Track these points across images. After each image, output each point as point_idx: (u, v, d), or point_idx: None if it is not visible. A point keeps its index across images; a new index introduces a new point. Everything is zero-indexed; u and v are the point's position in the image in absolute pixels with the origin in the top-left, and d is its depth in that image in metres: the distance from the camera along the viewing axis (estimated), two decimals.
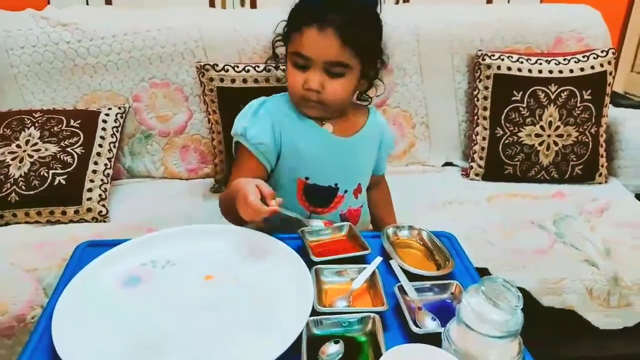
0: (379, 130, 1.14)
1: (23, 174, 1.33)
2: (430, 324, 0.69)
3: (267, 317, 0.71)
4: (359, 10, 0.98)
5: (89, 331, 0.69)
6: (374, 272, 0.78)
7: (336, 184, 1.07)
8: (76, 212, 1.34)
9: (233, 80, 1.44)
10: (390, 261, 0.82)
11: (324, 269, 0.79)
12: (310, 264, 0.80)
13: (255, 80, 1.44)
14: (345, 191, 1.08)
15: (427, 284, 0.77)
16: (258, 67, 1.43)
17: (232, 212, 0.89)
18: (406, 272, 0.79)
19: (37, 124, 1.41)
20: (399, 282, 0.77)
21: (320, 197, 1.07)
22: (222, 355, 0.65)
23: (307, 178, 1.05)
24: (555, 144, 1.58)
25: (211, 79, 1.45)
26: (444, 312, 0.72)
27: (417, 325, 0.69)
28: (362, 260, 0.84)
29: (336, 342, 0.65)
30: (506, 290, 0.59)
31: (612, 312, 1.19)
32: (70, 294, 0.74)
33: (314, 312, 0.70)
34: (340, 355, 0.64)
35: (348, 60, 0.96)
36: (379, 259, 0.81)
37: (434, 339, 0.63)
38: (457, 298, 0.75)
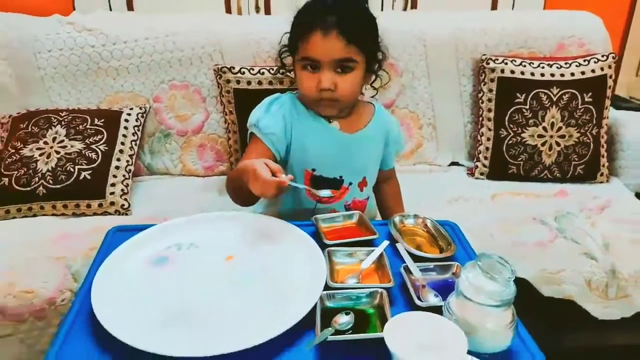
0: (385, 127, 1.21)
1: (50, 169, 1.41)
2: (433, 300, 0.75)
3: (284, 292, 0.78)
4: (354, 10, 1.06)
5: (123, 303, 0.76)
6: (381, 254, 0.85)
7: (341, 176, 1.15)
8: (100, 205, 1.42)
9: (249, 83, 1.52)
10: (397, 244, 0.88)
11: (335, 251, 0.86)
12: (323, 247, 0.87)
13: (270, 82, 1.51)
14: (350, 183, 1.16)
15: (431, 265, 0.83)
16: (272, 69, 1.51)
17: (239, 192, 0.99)
18: (411, 255, 0.86)
19: (63, 123, 1.49)
20: (405, 263, 0.83)
21: (325, 187, 1.13)
22: (243, 325, 0.72)
23: (313, 170, 1.13)
24: (558, 144, 1.63)
25: (228, 81, 1.52)
26: (446, 290, 0.77)
27: (421, 300, 0.75)
28: (371, 244, 0.90)
29: (347, 314, 0.71)
30: (500, 265, 0.66)
31: (610, 303, 1.24)
32: (105, 273, 0.81)
33: (327, 288, 0.77)
34: (351, 325, 0.70)
35: (354, 55, 1.04)
36: (386, 242, 0.87)
37: (436, 313, 0.69)
38: (458, 276, 0.81)
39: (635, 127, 1.70)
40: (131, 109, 1.58)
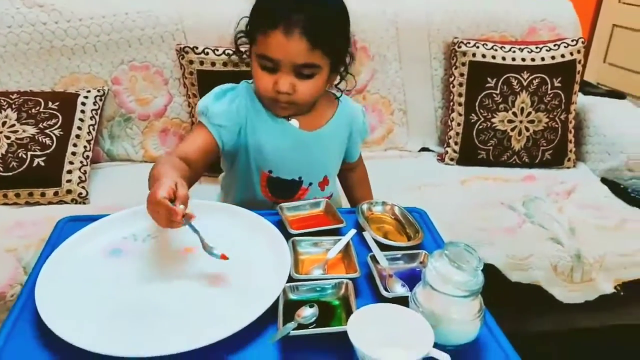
0: (349, 119, 1.11)
1: (0, 155, 1.33)
2: (399, 290, 0.73)
3: (246, 284, 0.75)
4: (324, 6, 0.94)
5: (71, 300, 0.71)
6: (348, 244, 0.82)
7: (300, 177, 1.06)
8: (55, 193, 1.35)
9: (213, 64, 1.45)
10: (364, 232, 0.85)
11: (300, 241, 0.83)
12: (288, 236, 0.83)
13: (236, 65, 1.46)
14: (310, 184, 1.08)
15: (398, 254, 0.81)
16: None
17: None
18: (378, 244, 0.83)
19: (14, 106, 1.41)
20: (372, 252, 0.80)
21: (283, 190, 1.06)
22: (202, 320, 0.68)
23: (270, 171, 1.04)
24: (527, 129, 1.63)
25: (191, 62, 1.46)
26: (413, 279, 0.75)
27: (387, 291, 0.72)
28: (338, 233, 0.87)
29: (311, 306, 0.68)
30: (467, 254, 0.63)
31: (575, 286, 1.25)
32: (52, 265, 0.76)
33: (291, 280, 0.73)
34: (315, 318, 0.67)
35: (317, 60, 0.93)
36: (353, 231, 0.84)
37: (403, 303, 0.67)
38: (426, 266, 0.79)
39: (602, 113, 1.72)
40: (88, 91, 1.50)
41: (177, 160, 0.92)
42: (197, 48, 1.45)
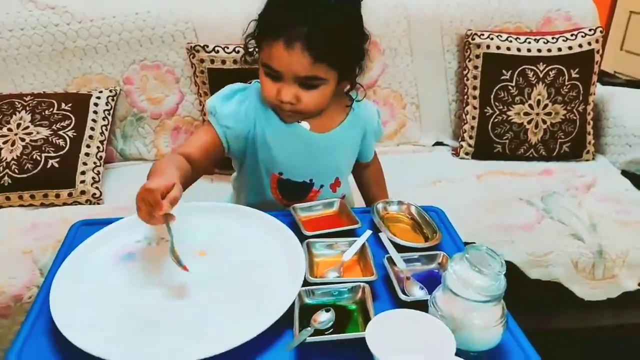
0: (362, 121, 1.07)
1: (15, 157, 1.33)
2: (418, 293, 0.72)
3: (260, 289, 0.73)
4: (331, 16, 0.87)
5: (85, 306, 0.70)
6: (363, 245, 0.80)
7: (311, 180, 1.04)
8: (70, 194, 1.35)
9: (224, 62, 1.44)
10: (380, 234, 0.84)
11: (315, 243, 0.81)
12: (302, 238, 0.82)
13: (246, 62, 1.44)
14: (322, 186, 1.05)
15: (415, 255, 0.79)
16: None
17: None
18: (395, 245, 0.81)
19: (27, 108, 1.41)
20: (388, 253, 0.79)
21: (294, 192, 1.04)
22: (218, 325, 0.67)
23: (280, 173, 1.02)
24: (544, 122, 1.60)
25: (202, 61, 1.45)
26: (432, 281, 0.74)
27: (405, 294, 0.71)
28: (353, 234, 0.86)
29: (327, 311, 0.67)
30: (490, 258, 0.61)
31: (597, 284, 1.23)
32: (66, 271, 0.75)
33: (306, 283, 0.72)
34: (332, 323, 0.66)
35: (321, 73, 0.89)
36: (368, 232, 0.82)
37: (422, 307, 0.65)
38: (444, 268, 0.77)
39: (621, 104, 1.68)
40: (100, 91, 1.50)
41: (181, 159, 0.91)
42: (207, 46, 1.44)
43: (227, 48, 1.45)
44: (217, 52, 1.44)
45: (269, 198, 1.04)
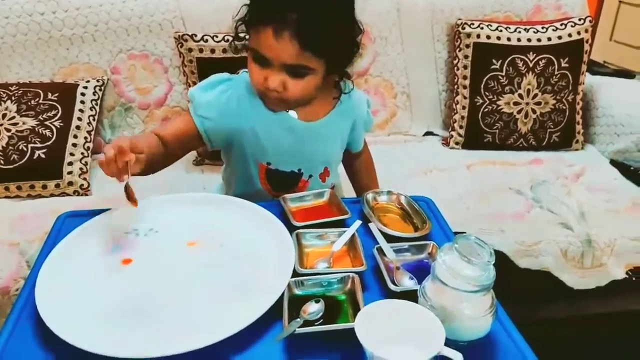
0: (351, 110, 1.06)
1: (1, 148, 1.31)
2: (407, 283, 0.72)
3: (249, 280, 0.73)
4: (323, 6, 0.86)
5: (72, 298, 0.69)
6: (353, 235, 0.80)
7: (300, 170, 1.03)
8: (57, 185, 1.34)
9: (213, 51, 1.43)
10: (370, 224, 0.84)
11: (305, 233, 0.81)
12: (291, 228, 0.81)
13: (236, 51, 1.42)
14: (310, 176, 1.05)
15: (405, 245, 0.79)
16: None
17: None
18: (385, 235, 0.81)
19: (13, 98, 1.39)
20: (378, 244, 0.79)
21: (282, 182, 1.03)
22: (206, 317, 0.67)
23: (268, 163, 1.01)
24: (534, 111, 1.60)
25: (190, 50, 1.43)
26: (422, 271, 0.73)
27: (395, 284, 0.71)
28: (342, 224, 0.85)
29: (317, 302, 0.67)
30: (479, 247, 0.61)
31: (586, 272, 1.24)
32: (52, 263, 0.74)
33: (295, 274, 0.72)
34: (321, 314, 0.66)
35: (309, 63, 0.87)
36: (358, 222, 0.82)
37: (411, 297, 0.65)
38: (434, 258, 0.76)
39: (610, 93, 1.68)
40: (87, 81, 1.48)
41: (155, 138, 0.93)
42: (195, 35, 1.42)
43: (216, 37, 1.43)
44: (206, 41, 1.42)
45: (258, 188, 1.03)
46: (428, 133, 1.74)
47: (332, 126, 1.04)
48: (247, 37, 0.95)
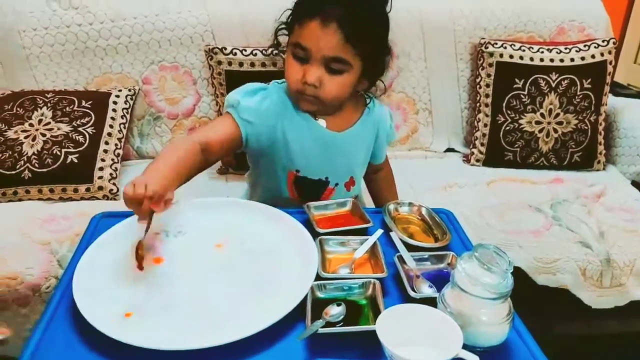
0: (376, 122, 1.10)
1: (36, 152, 1.37)
2: (427, 291, 0.73)
3: (274, 282, 0.76)
4: (365, 5, 0.93)
5: (107, 293, 0.73)
6: (375, 244, 0.82)
7: (327, 178, 1.06)
8: (87, 189, 1.39)
9: (241, 64, 1.48)
10: (391, 233, 0.86)
11: (328, 240, 0.83)
12: (315, 235, 0.84)
13: (263, 64, 1.47)
14: (336, 184, 1.08)
15: (425, 254, 0.81)
16: (265, 51, 1.47)
17: None
18: (405, 244, 0.83)
19: (49, 104, 1.45)
20: (399, 252, 0.81)
21: (310, 189, 1.06)
22: (232, 316, 0.70)
23: (297, 171, 1.04)
24: (555, 131, 1.61)
25: (219, 62, 1.48)
26: (441, 280, 0.75)
27: (414, 292, 0.73)
28: (364, 233, 0.88)
29: (338, 305, 0.69)
30: (497, 256, 0.63)
31: (604, 292, 1.23)
32: (88, 259, 0.78)
33: (318, 279, 0.74)
34: (342, 316, 0.68)
35: (349, 57, 0.93)
36: (380, 231, 0.85)
37: (431, 304, 0.67)
38: (453, 267, 0.78)
39: (633, 115, 1.68)
40: (120, 90, 1.54)
41: (193, 149, 0.93)
42: (225, 49, 1.47)
43: (245, 51, 1.48)
44: (235, 54, 1.47)
45: (284, 195, 1.06)
46: (449, 149, 1.75)
47: (358, 137, 1.07)
48: (283, 46, 1.01)
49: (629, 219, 1.35)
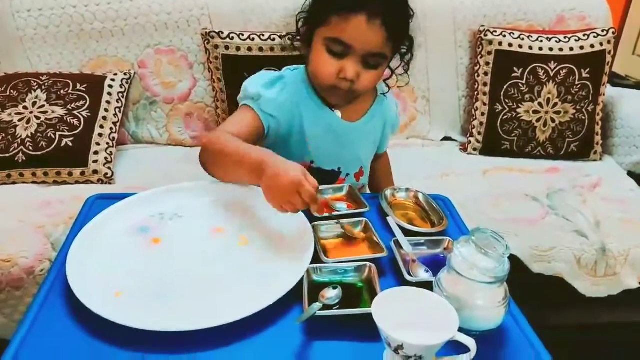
0: (384, 112, 1.11)
1: (30, 135, 1.36)
2: (423, 275, 0.73)
3: (271, 265, 0.76)
4: (402, 1, 0.93)
5: (101, 275, 0.72)
6: (369, 227, 0.82)
7: (339, 168, 1.07)
8: (82, 173, 1.38)
9: (238, 49, 1.46)
10: (387, 217, 0.86)
11: (320, 225, 0.83)
12: (311, 219, 0.83)
13: (260, 49, 1.46)
14: (347, 175, 1.09)
15: (422, 239, 0.81)
16: (263, 35, 1.45)
17: (228, 168, 0.88)
18: (402, 229, 0.83)
19: (43, 87, 1.43)
20: (395, 237, 0.81)
21: (322, 180, 1.02)
22: (228, 299, 0.69)
23: (312, 162, 1.04)
24: (553, 120, 1.61)
25: (216, 47, 1.47)
26: (437, 265, 0.75)
27: (410, 275, 0.72)
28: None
29: (334, 288, 0.69)
30: (494, 241, 0.63)
31: (599, 280, 1.24)
32: (83, 240, 0.77)
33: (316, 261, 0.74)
34: (339, 299, 0.68)
35: (388, 52, 0.93)
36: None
37: (426, 289, 0.66)
38: (450, 252, 0.78)
39: (630, 105, 1.69)
40: (115, 74, 1.52)
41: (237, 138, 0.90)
42: (222, 33, 1.45)
43: (242, 35, 1.46)
44: (232, 39, 1.46)
45: None
46: (446, 138, 1.75)
47: (369, 127, 1.08)
48: (298, 35, 0.99)
49: (624, 209, 1.35)
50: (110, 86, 1.49)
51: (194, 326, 0.62)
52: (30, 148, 1.35)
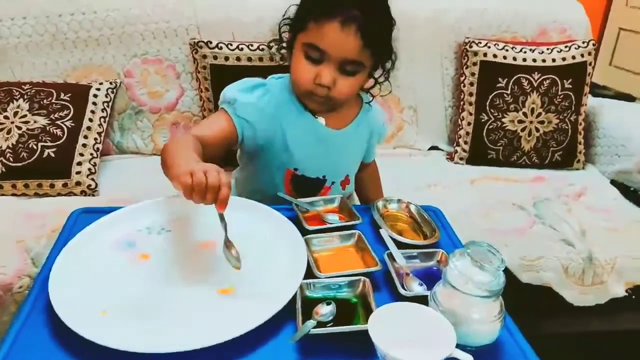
0: (371, 121, 1.10)
1: (11, 145, 1.32)
2: (417, 289, 0.73)
3: (262, 281, 0.74)
4: (380, 8, 0.92)
5: (85, 292, 0.70)
6: (362, 240, 0.81)
7: (324, 176, 1.06)
8: (65, 185, 1.35)
9: (226, 58, 1.45)
10: (380, 230, 0.85)
11: (312, 238, 0.82)
12: (303, 232, 0.83)
13: (249, 59, 1.45)
14: (333, 183, 1.07)
15: (415, 252, 0.80)
16: (252, 45, 1.45)
17: (164, 170, 0.84)
18: (395, 242, 0.83)
19: (26, 96, 1.40)
20: (388, 250, 0.80)
21: (306, 188, 1.05)
22: (219, 317, 0.67)
23: (295, 169, 1.03)
24: (537, 130, 1.63)
25: (204, 57, 1.45)
26: (431, 278, 0.75)
27: (405, 289, 0.72)
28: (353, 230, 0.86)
29: (328, 304, 0.68)
30: (490, 254, 0.63)
31: (586, 289, 1.25)
32: (66, 257, 0.75)
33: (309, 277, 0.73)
34: (333, 316, 0.66)
35: (365, 59, 0.92)
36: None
37: (421, 302, 0.66)
38: (444, 265, 0.78)
39: (611, 115, 1.72)
40: (100, 83, 1.50)
41: (197, 142, 0.88)
42: (211, 43, 1.44)
43: (230, 45, 1.46)
44: (220, 48, 1.45)
45: (280, 192, 1.01)
46: (433, 147, 1.76)
47: (355, 135, 1.07)
48: (284, 42, 0.99)
49: (608, 218, 1.37)
50: (95, 95, 1.46)
51: (183, 347, 0.60)
52: (11, 159, 1.31)
